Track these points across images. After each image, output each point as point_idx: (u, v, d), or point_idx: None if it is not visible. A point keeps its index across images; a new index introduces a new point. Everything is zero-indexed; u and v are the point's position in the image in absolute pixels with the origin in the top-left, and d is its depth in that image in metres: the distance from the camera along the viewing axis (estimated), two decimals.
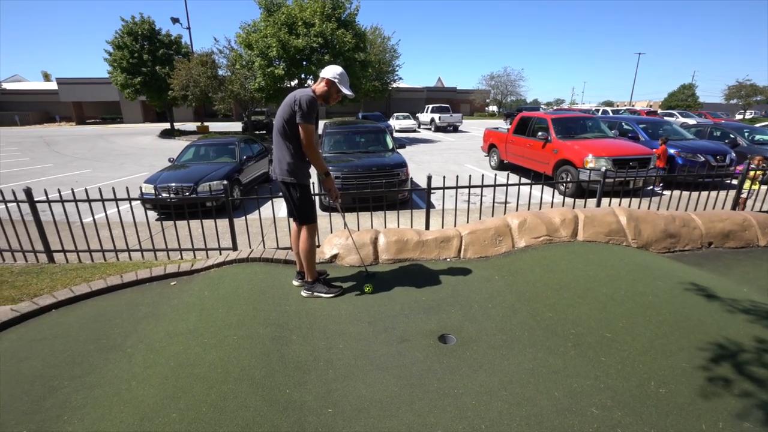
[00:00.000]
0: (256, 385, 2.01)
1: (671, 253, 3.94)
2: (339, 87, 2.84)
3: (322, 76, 2.84)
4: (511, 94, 50.99)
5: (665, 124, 9.86)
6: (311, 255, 3.00)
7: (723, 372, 1.99)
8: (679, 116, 23.08)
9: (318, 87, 2.84)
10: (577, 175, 7.24)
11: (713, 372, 2.00)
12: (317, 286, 3.07)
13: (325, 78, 2.82)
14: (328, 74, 2.82)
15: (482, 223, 4.02)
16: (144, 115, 39.38)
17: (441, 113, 26.06)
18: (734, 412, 1.77)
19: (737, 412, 1.76)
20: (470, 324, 2.64)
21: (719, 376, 1.97)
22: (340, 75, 2.82)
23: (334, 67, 2.86)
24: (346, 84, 2.87)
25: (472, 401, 1.94)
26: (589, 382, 2.05)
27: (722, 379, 1.95)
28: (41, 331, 2.67)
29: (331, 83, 2.82)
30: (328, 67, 2.86)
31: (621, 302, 2.70)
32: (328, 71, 2.83)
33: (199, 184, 6.48)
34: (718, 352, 2.13)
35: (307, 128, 2.72)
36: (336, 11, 16.52)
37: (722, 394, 1.87)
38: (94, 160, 13.99)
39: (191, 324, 2.59)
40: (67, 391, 2.05)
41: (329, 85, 2.83)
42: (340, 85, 2.83)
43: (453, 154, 14.42)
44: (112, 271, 3.82)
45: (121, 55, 22.43)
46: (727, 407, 1.80)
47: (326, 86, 2.83)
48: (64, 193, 5.45)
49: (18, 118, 37.17)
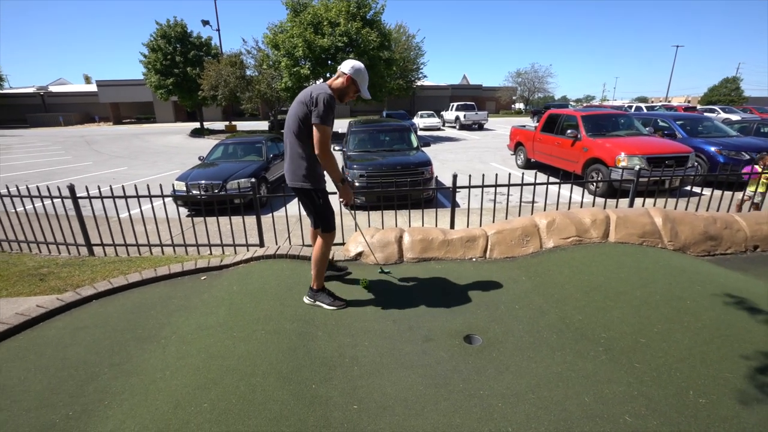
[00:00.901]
0: (283, 379, 2.05)
1: (711, 257, 3.74)
2: (359, 86, 2.60)
3: (342, 71, 2.57)
4: (538, 91, 49.65)
5: (705, 121, 9.34)
6: (323, 263, 2.81)
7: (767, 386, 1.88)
8: (720, 112, 21.80)
9: (336, 82, 2.59)
10: (609, 174, 6.98)
11: (759, 383, 1.89)
12: (321, 295, 2.87)
13: (346, 74, 2.55)
14: (349, 70, 2.55)
15: (509, 223, 3.94)
16: (175, 114, 40.88)
17: (466, 111, 25.71)
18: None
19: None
20: (496, 325, 2.60)
21: (764, 390, 1.86)
22: (362, 72, 2.58)
23: (354, 62, 2.60)
24: (364, 83, 2.63)
25: (499, 403, 1.91)
26: (621, 388, 1.98)
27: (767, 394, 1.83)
28: (83, 320, 2.82)
29: (352, 81, 2.57)
30: (348, 62, 2.59)
31: (656, 307, 2.59)
32: (347, 66, 2.56)
33: (228, 181, 6.66)
34: (765, 362, 2.01)
35: (323, 130, 2.45)
36: (361, 10, 16.60)
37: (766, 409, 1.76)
38: (130, 158, 14.65)
39: (221, 318, 2.68)
40: (107, 378, 2.16)
41: (349, 82, 2.57)
42: (359, 84, 2.60)
43: (478, 153, 14.21)
44: (147, 264, 3.99)
45: (155, 57, 23.36)
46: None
47: (346, 83, 2.57)
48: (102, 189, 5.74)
49: (62, 118, 39.40)
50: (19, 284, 3.60)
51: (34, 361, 2.36)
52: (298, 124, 2.52)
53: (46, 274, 3.82)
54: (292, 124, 2.55)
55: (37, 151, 17.60)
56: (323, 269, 2.86)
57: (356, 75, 2.57)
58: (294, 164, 2.62)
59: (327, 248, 2.81)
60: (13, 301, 3.28)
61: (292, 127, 2.55)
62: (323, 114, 2.43)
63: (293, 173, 2.64)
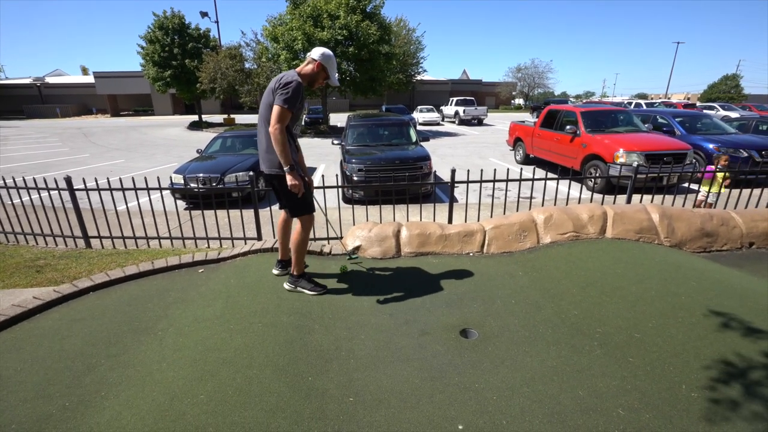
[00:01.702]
0: (279, 371, 2.06)
1: (707, 253, 3.76)
2: (329, 72, 2.66)
3: (312, 57, 2.63)
4: (538, 86, 49.48)
5: (704, 118, 9.34)
6: (303, 249, 2.86)
7: (759, 381, 1.90)
8: (720, 109, 21.82)
9: (306, 69, 2.64)
10: (607, 170, 6.98)
11: (752, 379, 1.91)
12: (302, 281, 2.94)
13: (316, 60, 2.61)
14: (318, 56, 2.61)
15: (506, 218, 3.95)
16: (173, 107, 40.64)
17: (465, 106, 25.63)
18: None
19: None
20: (492, 319, 2.61)
21: (758, 383, 1.88)
22: (330, 58, 2.64)
23: (323, 49, 2.66)
24: (333, 70, 2.69)
25: (494, 396, 1.93)
26: (615, 382, 2.00)
27: (761, 388, 1.85)
28: (80, 312, 2.82)
29: (322, 67, 2.63)
30: (317, 49, 2.66)
31: (651, 302, 2.61)
32: (316, 53, 2.63)
33: (226, 174, 6.64)
34: (758, 359, 2.03)
35: (282, 111, 2.46)
36: (361, 3, 16.47)
37: (761, 403, 1.78)
38: (127, 151, 14.57)
39: (218, 310, 2.68)
40: (104, 369, 2.17)
41: (319, 68, 2.64)
42: (329, 70, 2.66)
43: (477, 148, 14.19)
44: (144, 257, 3.99)
45: (153, 49, 23.15)
46: (761, 418, 1.71)
47: (316, 69, 2.63)
48: (100, 182, 5.71)
49: (59, 110, 39.11)
50: (16, 276, 3.59)
51: (31, 352, 2.36)
52: (268, 112, 2.56)
53: (43, 266, 3.81)
54: (265, 113, 2.60)
55: (34, 143, 17.49)
56: (303, 255, 2.92)
57: (325, 61, 2.64)
58: (270, 152, 2.64)
59: (306, 233, 2.84)
60: (10, 292, 3.27)
61: (265, 115, 2.60)
62: (288, 97, 2.47)
63: (269, 161, 2.66)
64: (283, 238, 3.09)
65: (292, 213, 2.85)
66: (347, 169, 6.57)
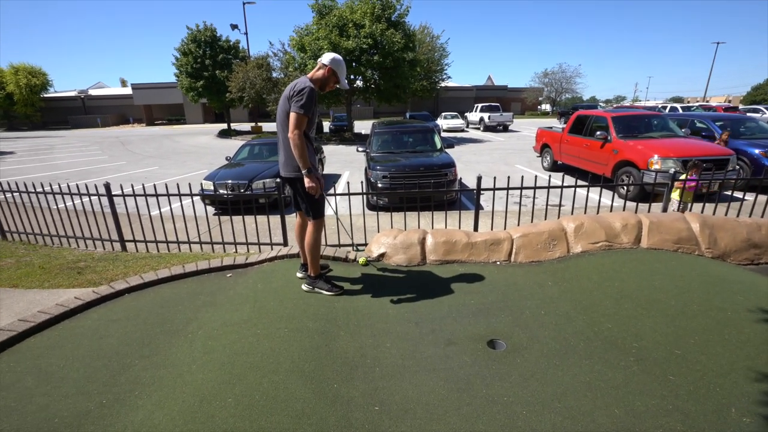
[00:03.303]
0: (305, 377, 2.07)
1: (755, 266, 3.52)
2: (338, 77, 2.80)
3: (322, 63, 2.78)
4: (566, 91, 48.27)
5: (748, 121, 8.83)
6: (316, 250, 2.97)
7: None
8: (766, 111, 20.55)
9: (317, 74, 2.78)
10: (641, 177, 6.70)
11: None
12: (319, 282, 3.05)
13: (326, 65, 2.77)
14: (328, 61, 2.76)
15: (535, 226, 3.84)
16: (204, 116, 42.23)
17: (490, 112, 25.32)
18: None
19: None
20: (521, 330, 2.54)
21: None
22: (339, 63, 2.78)
23: (333, 54, 2.82)
24: (342, 74, 2.82)
25: (523, 411, 1.86)
26: (654, 401, 1.89)
27: None
28: (117, 313, 2.94)
29: (332, 71, 2.78)
30: (327, 54, 2.82)
31: (693, 317, 2.46)
32: (326, 58, 2.78)
33: (254, 181, 6.81)
34: None
35: (299, 117, 2.59)
36: (386, 12, 16.66)
37: None
38: (161, 158, 15.22)
39: (245, 315, 2.73)
40: (138, 369, 2.24)
41: (330, 72, 2.78)
42: (339, 75, 2.80)
43: (503, 155, 13.96)
44: (175, 261, 4.12)
45: (186, 61, 24.21)
46: None
47: (327, 73, 2.78)
48: (135, 188, 5.98)
49: (100, 120, 41.43)
50: (60, 276, 3.79)
51: (72, 350, 2.47)
52: (286, 119, 2.68)
53: (83, 268, 4.01)
54: (282, 120, 2.73)
55: (77, 151, 18.56)
56: (317, 256, 3.02)
57: (335, 66, 2.79)
58: (287, 156, 2.76)
59: (318, 234, 2.96)
60: (54, 292, 3.45)
61: (282, 122, 2.73)
62: (304, 103, 2.59)
63: (288, 165, 2.79)
64: (301, 242, 3.18)
65: (308, 213, 2.94)
66: (372, 176, 6.60)
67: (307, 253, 3.02)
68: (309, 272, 3.08)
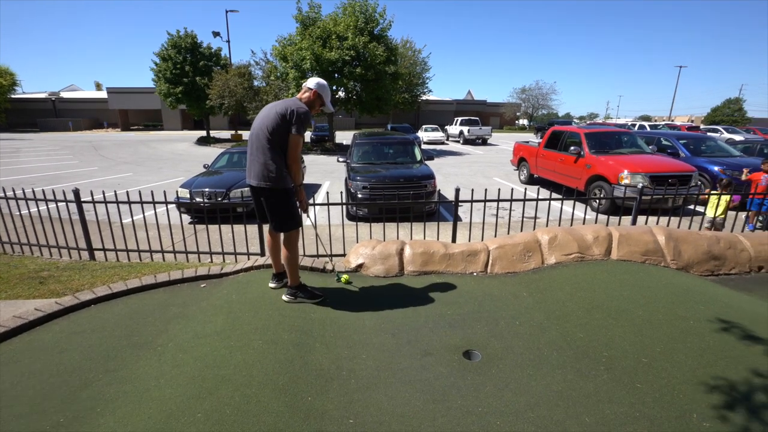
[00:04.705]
0: (278, 390, 2.02)
1: (715, 277, 3.70)
2: (324, 100, 2.91)
3: (308, 87, 2.89)
4: (542, 107, 50.03)
5: (708, 140, 9.37)
6: (294, 261, 2.96)
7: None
8: (724, 132, 21.88)
9: (303, 96, 2.89)
10: (611, 191, 6.97)
11: (765, 410, 1.84)
12: (300, 291, 3.04)
13: (312, 89, 2.87)
14: (314, 86, 2.87)
15: (511, 238, 3.93)
16: (182, 122, 41.40)
17: (470, 126, 25.90)
18: None
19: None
20: (496, 341, 2.57)
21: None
22: (325, 87, 2.90)
23: (318, 78, 2.93)
24: (327, 97, 2.94)
25: (497, 421, 1.87)
26: (623, 409, 1.94)
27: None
28: (81, 325, 2.81)
29: (318, 95, 2.88)
30: (312, 79, 2.92)
31: (659, 326, 2.55)
32: (312, 82, 2.88)
33: (231, 189, 6.70)
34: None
35: (298, 140, 2.75)
36: (369, 25, 16.92)
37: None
38: (135, 164, 14.78)
39: (218, 326, 2.66)
40: (101, 384, 2.14)
41: (315, 96, 2.88)
42: (324, 98, 2.91)
43: (481, 167, 14.26)
44: (147, 271, 3.99)
45: (166, 66, 23.81)
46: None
47: (312, 96, 2.87)
48: (107, 195, 5.77)
49: (71, 124, 39.97)
50: (19, 287, 3.60)
51: (29, 365, 2.34)
52: (274, 132, 2.71)
53: (46, 278, 3.82)
54: (267, 132, 2.72)
55: (45, 155, 17.81)
56: (296, 265, 3.00)
57: (321, 90, 2.89)
58: (266, 168, 2.76)
59: (295, 243, 2.96)
60: (12, 303, 3.27)
61: (266, 134, 2.73)
62: (302, 126, 2.73)
63: (265, 176, 2.77)
64: (273, 251, 3.15)
65: (280, 228, 2.93)
66: (352, 187, 6.61)
67: (286, 265, 3.00)
68: (289, 283, 3.04)
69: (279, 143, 2.74)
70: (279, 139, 2.73)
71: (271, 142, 2.72)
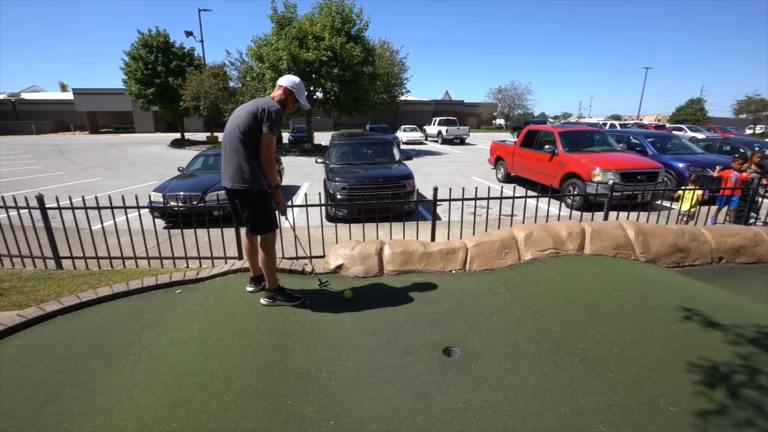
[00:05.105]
0: (257, 395, 1.99)
1: (680, 268, 3.87)
2: (296, 96, 2.85)
3: (280, 84, 2.84)
4: (518, 107, 51.19)
5: (674, 139, 9.80)
6: (272, 264, 2.93)
7: (735, 392, 1.94)
8: (687, 130, 22.96)
9: (276, 94, 2.84)
10: (584, 188, 7.19)
11: (726, 392, 1.94)
12: (278, 294, 3.01)
13: (282, 86, 2.82)
14: (287, 83, 2.82)
15: (488, 236, 3.99)
16: (155, 125, 40.15)
17: (448, 126, 26.20)
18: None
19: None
20: (475, 337, 2.61)
21: (732, 396, 1.92)
22: (298, 85, 2.84)
23: (291, 76, 2.88)
24: (302, 94, 2.89)
25: (477, 416, 1.90)
26: (596, 398, 2.00)
27: (735, 400, 1.89)
28: (46, 337, 2.68)
29: (289, 92, 2.82)
30: (286, 76, 2.87)
31: (629, 317, 2.65)
32: (283, 79, 2.83)
33: (207, 193, 6.55)
34: (730, 370, 2.07)
35: (271, 139, 2.69)
36: (345, 26, 16.86)
37: (732, 414, 1.81)
38: (105, 169, 14.24)
39: (194, 332, 2.59)
40: (69, 398, 2.05)
41: (287, 93, 2.82)
42: (298, 95, 2.85)
43: (460, 167, 14.44)
44: (119, 278, 3.85)
45: (136, 66, 23.04)
46: (737, 428, 1.74)
47: (283, 94, 2.82)
48: (74, 200, 5.54)
49: (35, 126, 38.10)
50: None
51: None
52: (246, 132, 2.66)
53: (7, 289, 3.63)
54: (239, 133, 2.67)
55: (5, 160, 16.92)
56: (274, 268, 2.97)
57: (292, 86, 2.83)
58: (239, 169, 2.71)
59: (272, 246, 2.93)
60: None
61: (238, 134, 2.68)
62: (274, 124, 2.67)
63: (239, 177, 2.72)
64: (251, 255, 3.11)
65: (255, 230, 2.89)
66: (331, 188, 6.57)
67: (263, 268, 2.97)
68: (267, 286, 3.01)
69: (252, 143, 2.69)
70: (252, 139, 2.68)
71: (244, 143, 2.68)
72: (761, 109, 41.36)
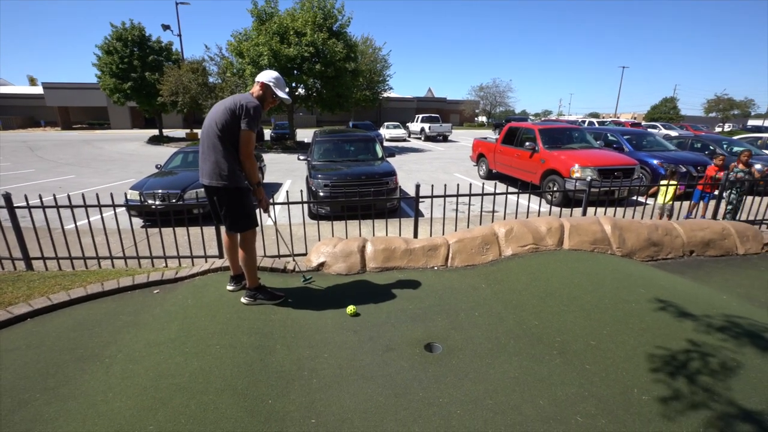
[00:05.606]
0: (237, 395, 1.97)
1: (654, 262, 4.01)
2: (274, 90, 2.81)
3: (257, 80, 2.81)
4: (499, 104, 51.82)
5: (648, 136, 10.10)
6: (252, 262, 2.90)
7: (704, 380, 2.02)
8: (662, 128, 23.73)
9: (254, 90, 2.81)
10: (564, 184, 7.35)
11: (695, 379, 2.02)
12: (258, 293, 2.98)
13: (260, 81, 2.79)
14: (264, 78, 2.79)
15: (469, 232, 4.04)
16: (132, 121, 38.93)
17: (431, 123, 26.30)
18: (712, 420, 1.78)
19: (714, 420, 1.78)
20: (456, 332, 2.64)
21: (700, 383, 2.00)
22: (276, 79, 2.81)
23: (269, 71, 2.85)
24: (282, 88, 2.85)
25: (458, 410, 1.93)
26: (573, 390, 2.06)
27: (703, 387, 1.97)
28: (14, 341, 2.58)
29: (266, 87, 2.79)
30: (264, 72, 2.84)
31: (605, 310, 2.73)
32: (263, 75, 2.81)
33: (186, 190, 6.40)
34: (700, 359, 2.16)
35: (250, 136, 2.65)
36: (327, 21, 16.69)
37: (703, 401, 1.89)
38: (79, 166, 13.74)
39: (173, 333, 2.53)
40: (38, 404, 1.98)
41: (264, 88, 2.79)
42: (276, 89, 2.81)
43: (442, 164, 14.53)
44: (93, 279, 3.72)
45: (111, 60, 22.26)
46: (707, 415, 1.81)
47: (261, 90, 2.78)
48: (45, 199, 5.32)
49: (1, 122, 36.39)
50: None
51: None
52: (224, 129, 2.62)
53: None
54: (217, 129, 2.63)
55: None
56: (254, 267, 2.93)
57: (270, 81, 2.79)
58: (217, 166, 2.67)
59: (251, 244, 2.90)
60: None
61: (216, 131, 2.63)
62: (252, 120, 2.63)
63: (217, 174, 2.68)
64: (231, 253, 3.07)
65: (235, 228, 2.85)
66: (313, 185, 6.52)
67: (243, 267, 2.93)
68: (248, 285, 2.97)
69: (230, 140, 2.65)
70: (230, 135, 2.63)
71: (222, 140, 2.64)
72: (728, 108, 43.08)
